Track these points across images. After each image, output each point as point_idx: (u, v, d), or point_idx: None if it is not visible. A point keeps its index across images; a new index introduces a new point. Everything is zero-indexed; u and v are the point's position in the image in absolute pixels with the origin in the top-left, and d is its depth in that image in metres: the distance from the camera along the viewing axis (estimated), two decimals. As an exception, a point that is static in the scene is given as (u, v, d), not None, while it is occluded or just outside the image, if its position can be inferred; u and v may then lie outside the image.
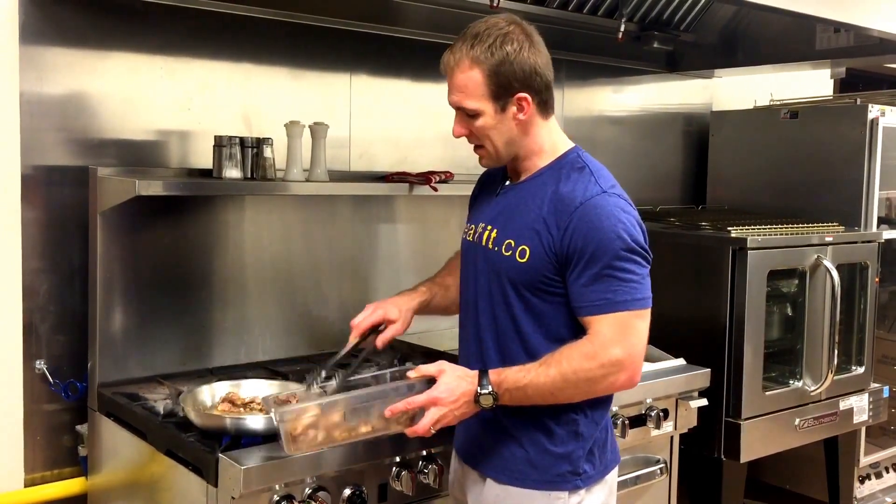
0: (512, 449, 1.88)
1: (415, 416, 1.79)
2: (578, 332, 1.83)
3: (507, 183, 1.98)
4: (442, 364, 1.83)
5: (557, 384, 1.76)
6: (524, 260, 1.83)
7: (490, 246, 1.91)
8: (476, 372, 1.80)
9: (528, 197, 1.89)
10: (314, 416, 1.77)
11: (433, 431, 1.78)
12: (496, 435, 1.90)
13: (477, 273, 1.96)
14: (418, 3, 2.92)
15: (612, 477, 1.99)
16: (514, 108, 1.84)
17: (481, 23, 1.84)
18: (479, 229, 1.96)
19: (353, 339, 2.09)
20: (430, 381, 1.80)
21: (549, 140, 1.91)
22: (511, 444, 1.88)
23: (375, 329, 2.11)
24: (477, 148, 1.93)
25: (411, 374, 1.83)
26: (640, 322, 1.78)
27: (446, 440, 2.25)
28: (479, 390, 1.77)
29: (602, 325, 1.76)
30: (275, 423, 1.78)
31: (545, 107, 1.89)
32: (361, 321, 2.09)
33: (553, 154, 1.91)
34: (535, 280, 1.83)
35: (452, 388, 1.77)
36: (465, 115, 1.86)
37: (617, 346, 1.75)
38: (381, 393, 1.81)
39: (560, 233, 1.79)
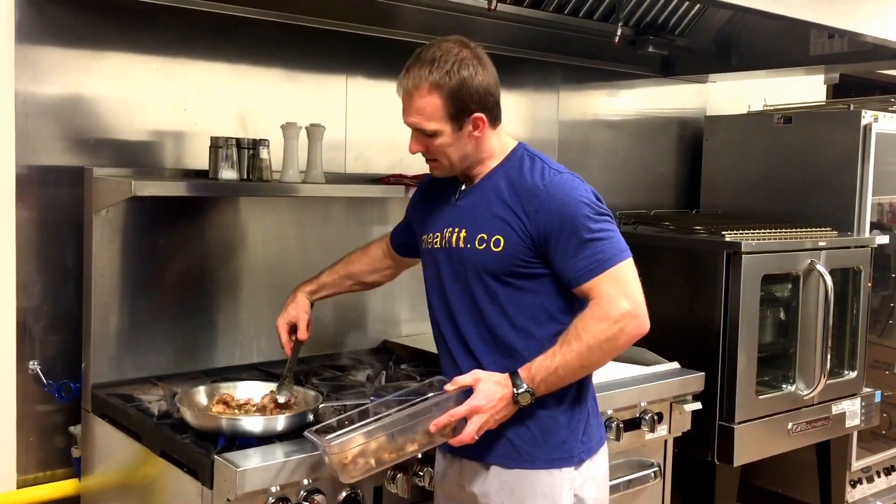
0: (517, 432, 1.94)
1: (456, 426, 1.87)
2: (564, 303, 1.94)
3: (464, 187, 2.07)
4: (476, 373, 1.91)
5: (584, 355, 1.85)
6: (499, 249, 1.93)
7: (462, 245, 1.99)
8: (507, 374, 1.88)
9: (488, 194, 1.99)
10: (361, 446, 1.83)
11: (477, 438, 1.87)
12: (523, 413, 1.94)
13: (445, 276, 2.04)
14: (415, 5, 2.92)
15: (605, 447, 2.10)
16: (469, 127, 1.95)
17: (433, 47, 1.95)
18: (447, 234, 2.04)
19: (290, 354, 2.34)
20: (468, 391, 1.87)
21: (499, 144, 2.03)
22: (515, 428, 1.94)
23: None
24: (430, 161, 2.04)
25: (448, 387, 1.90)
26: (629, 270, 1.89)
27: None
28: (515, 391, 1.86)
29: (601, 285, 1.85)
30: (323, 456, 1.86)
31: (495, 120, 2.00)
32: (284, 340, 2.34)
33: (502, 154, 2.03)
34: (513, 265, 1.93)
35: (490, 394, 1.86)
36: (423, 135, 1.98)
37: (622, 299, 1.84)
38: (422, 410, 1.87)
39: (529, 216, 1.90)
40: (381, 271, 2.45)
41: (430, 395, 1.91)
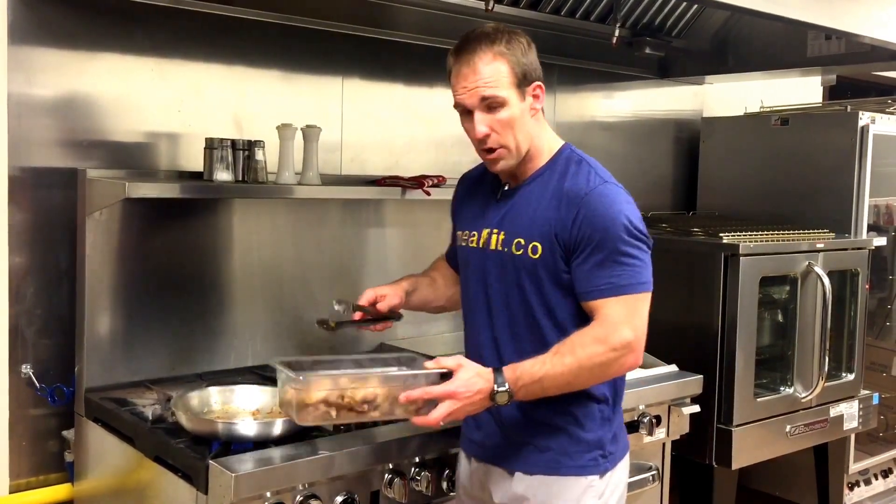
0: (545, 441, 1.93)
1: (422, 406, 1.82)
2: (581, 321, 1.87)
3: (507, 187, 2.01)
4: (460, 359, 1.86)
5: (573, 371, 1.80)
6: (537, 256, 1.88)
7: (501, 248, 1.96)
8: (491, 369, 1.83)
9: (532, 197, 1.94)
10: (326, 391, 1.81)
11: (442, 424, 1.82)
12: (525, 430, 1.94)
13: (488, 278, 1.99)
14: (411, 6, 2.90)
15: (628, 455, 2.07)
16: (531, 98, 1.92)
17: (482, 27, 1.92)
18: (486, 235, 2.00)
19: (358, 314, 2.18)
20: (446, 375, 1.83)
21: (547, 139, 2.00)
22: (542, 437, 1.93)
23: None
24: (491, 152, 1.92)
25: (429, 364, 1.86)
26: (642, 305, 1.84)
27: (439, 446, 2.24)
28: (495, 388, 1.80)
29: (610, 308, 1.81)
30: (286, 389, 1.82)
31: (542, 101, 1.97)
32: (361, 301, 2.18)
33: (549, 153, 1.98)
34: (550, 274, 1.88)
35: (469, 384, 1.80)
36: (487, 111, 1.88)
37: (626, 328, 1.80)
38: (396, 378, 1.84)
39: (565, 223, 1.85)
40: (454, 289, 2.23)
41: (409, 367, 1.89)
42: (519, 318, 1.93)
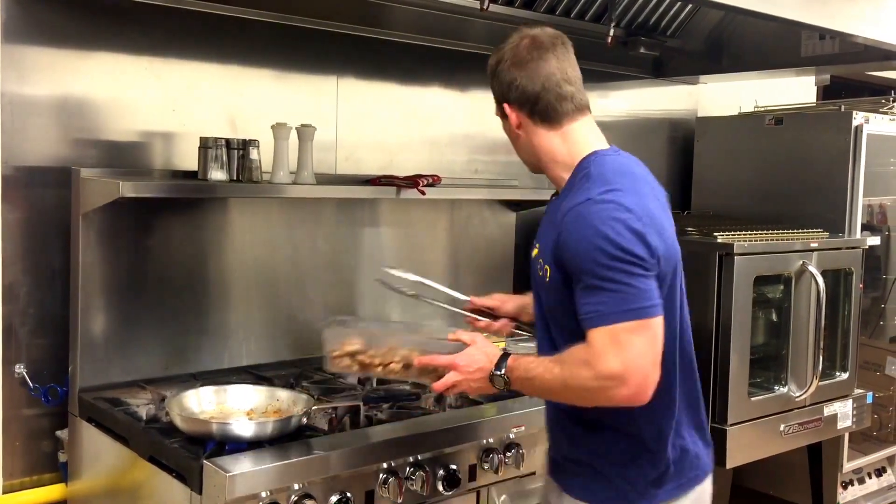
0: (580, 466, 1.88)
1: (442, 374, 1.91)
2: None
3: (554, 198, 1.96)
4: (476, 336, 1.94)
5: (557, 385, 1.74)
6: (548, 279, 1.80)
7: (532, 261, 1.90)
8: (499, 354, 1.85)
9: (555, 213, 1.83)
10: (356, 347, 2.05)
11: (449, 395, 1.94)
12: (577, 450, 1.89)
13: (533, 291, 1.96)
14: (406, 5, 2.90)
15: (694, 495, 1.91)
16: (509, 119, 1.91)
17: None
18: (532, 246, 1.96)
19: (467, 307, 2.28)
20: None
21: (565, 150, 1.87)
22: (578, 462, 1.88)
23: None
24: None
25: (451, 335, 1.96)
26: (634, 335, 1.65)
27: (434, 446, 2.24)
28: (493, 371, 1.83)
29: (594, 337, 1.67)
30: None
31: (543, 117, 1.86)
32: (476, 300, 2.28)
33: (572, 163, 1.87)
34: (558, 298, 1.78)
35: (473, 360, 1.86)
36: None
37: (613, 359, 1.65)
38: (420, 342, 2.01)
39: (553, 246, 1.76)
40: None
41: (436, 335, 2.02)
42: (543, 336, 1.89)
